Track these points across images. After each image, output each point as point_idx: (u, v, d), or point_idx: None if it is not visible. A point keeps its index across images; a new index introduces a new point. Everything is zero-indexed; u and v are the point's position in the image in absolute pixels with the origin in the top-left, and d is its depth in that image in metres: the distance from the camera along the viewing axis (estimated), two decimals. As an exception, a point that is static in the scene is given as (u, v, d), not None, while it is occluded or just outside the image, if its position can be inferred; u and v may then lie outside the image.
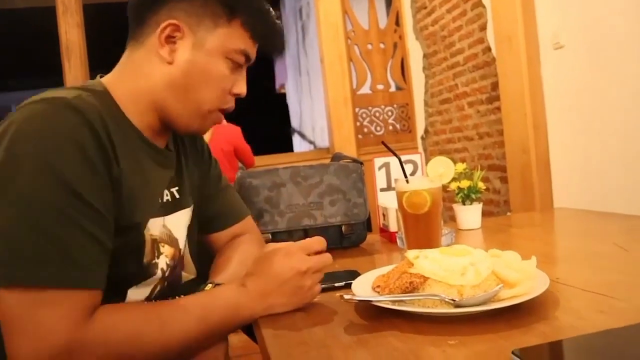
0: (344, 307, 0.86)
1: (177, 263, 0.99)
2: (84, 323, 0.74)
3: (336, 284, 0.96)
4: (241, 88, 0.99)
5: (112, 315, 0.78)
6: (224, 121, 3.73)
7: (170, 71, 0.92)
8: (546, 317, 0.73)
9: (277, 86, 15.53)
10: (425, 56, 4.02)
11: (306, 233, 1.36)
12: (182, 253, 1.01)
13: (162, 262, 0.95)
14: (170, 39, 0.91)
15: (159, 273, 0.94)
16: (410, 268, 0.83)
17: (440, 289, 0.79)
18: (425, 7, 3.91)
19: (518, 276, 0.79)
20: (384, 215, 1.46)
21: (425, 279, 0.80)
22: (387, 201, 1.46)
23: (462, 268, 0.80)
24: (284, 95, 14.90)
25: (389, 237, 1.43)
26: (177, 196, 1.01)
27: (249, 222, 1.21)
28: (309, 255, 0.91)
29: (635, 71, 2.06)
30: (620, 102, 2.16)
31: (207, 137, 3.58)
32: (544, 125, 2.63)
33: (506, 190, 3.04)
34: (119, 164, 0.82)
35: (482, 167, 1.71)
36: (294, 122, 14.03)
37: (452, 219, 1.63)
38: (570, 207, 1.95)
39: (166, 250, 0.95)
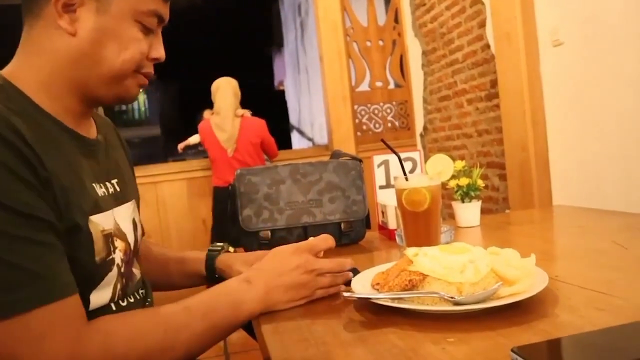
0: (344, 304, 0.86)
1: (129, 258, 0.94)
2: (80, 333, 0.72)
3: None
4: (159, 52, 0.92)
5: (112, 322, 0.77)
6: (249, 114, 3.82)
7: (75, 43, 0.84)
8: (545, 315, 0.73)
9: (276, 83, 15.53)
10: (424, 53, 4.01)
11: (305, 230, 1.36)
12: (132, 248, 0.96)
13: (118, 258, 0.89)
14: (68, 7, 0.83)
15: (114, 269, 0.88)
16: (410, 266, 0.83)
17: (439, 286, 0.79)
18: (424, 4, 3.90)
19: (517, 274, 0.79)
20: (382, 212, 1.46)
21: (425, 276, 0.80)
22: (386, 198, 1.46)
23: (461, 265, 0.80)
24: (282, 92, 14.91)
25: (388, 235, 1.43)
26: (118, 189, 0.96)
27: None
28: (317, 255, 0.92)
29: (635, 68, 2.06)
30: (619, 99, 2.16)
31: (235, 130, 3.64)
32: (543, 122, 2.63)
33: (505, 188, 3.04)
34: (45, 166, 0.74)
35: (481, 165, 1.71)
36: (293, 119, 14.04)
37: (451, 216, 1.63)
38: (569, 205, 1.95)
39: (119, 244, 0.90)
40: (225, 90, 3.76)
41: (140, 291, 1.00)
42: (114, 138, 1.08)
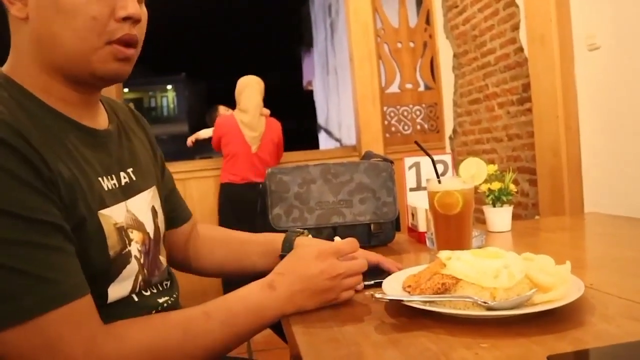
0: (375, 306, 0.86)
1: (149, 248, 0.92)
2: (94, 335, 0.72)
3: (365, 283, 0.96)
4: (126, 9, 0.80)
5: (130, 327, 0.76)
6: (268, 113, 3.88)
7: (30, 28, 0.79)
8: (581, 324, 0.72)
9: (305, 83, 15.56)
10: (455, 56, 3.98)
11: (335, 230, 1.36)
12: (152, 237, 0.93)
13: (134, 250, 0.87)
14: None
15: (133, 262, 0.86)
16: (442, 269, 0.82)
17: (472, 291, 0.78)
18: (457, 6, 3.87)
19: (552, 281, 0.78)
20: (413, 214, 1.46)
21: (458, 280, 0.80)
22: (417, 201, 1.46)
23: (495, 270, 0.79)
24: (311, 92, 14.93)
25: (418, 237, 1.42)
26: (134, 178, 0.93)
27: (193, 220, 1.19)
28: (341, 258, 0.90)
29: (673, 75, 2.01)
30: (656, 106, 2.11)
31: (262, 128, 3.72)
32: (576, 127, 2.59)
33: (535, 193, 3.00)
34: (49, 166, 0.72)
35: (510, 169, 1.69)
36: (321, 119, 14.05)
37: (480, 220, 1.62)
38: (601, 212, 1.92)
39: (135, 235, 0.88)
40: (253, 88, 3.81)
41: (165, 283, 0.99)
42: (132, 123, 1.04)
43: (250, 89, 3.80)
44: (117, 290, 0.84)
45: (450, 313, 0.76)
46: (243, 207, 3.58)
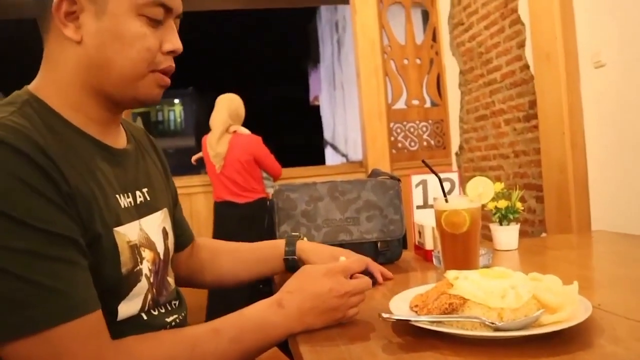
0: (382, 325, 0.86)
1: (158, 268, 0.93)
2: (102, 351, 0.72)
3: None
4: (173, 44, 0.88)
5: (138, 343, 0.77)
6: (247, 131, 3.76)
7: (83, 51, 0.83)
8: (590, 345, 0.72)
9: (311, 98, 15.62)
10: (461, 72, 4.00)
11: (342, 248, 1.36)
12: (161, 257, 0.95)
13: (145, 268, 0.88)
14: (70, 15, 0.82)
15: (143, 281, 0.88)
16: (450, 289, 0.82)
17: (480, 311, 0.78)
18: (463, 24, 3.90)
19: (560, 301, 0.78)
20: (419, 232, 1.46)
21: (465, 300, 0.80)
22: (424, 218, 1.46)
23: (502, 290, 0.79)
24: (317, 108, 14.98)
25: (424, 255, 1.42)
26: (148, 198, 0.95)
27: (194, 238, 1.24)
28: (349, 276, 0.91)
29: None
30: (663, 124, 2.11)
31: (223, 147, 3.63)
32: (583, 144, 2.59)
33: (541, 210, 2.99)
34: (68, 181, 0.74)
35: (517, 186, 1.69)
36: (327, 134, 14.09)
37: (487, 237, 1.61)
38: (608, 230, 1.91)
39: (147, 254, 0.90)
40: (220, 106, 3.73)
41: (174, 302, 1.00)
42: (147, 145, 1.08)
43: (217, 107, 3.74)
44: (127, 308, 0.85)
45: (458, 334, 0.76)
46: (226, 224, 3.62)
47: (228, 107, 3.72)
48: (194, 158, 4.13)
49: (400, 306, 0.88)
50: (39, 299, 0.68)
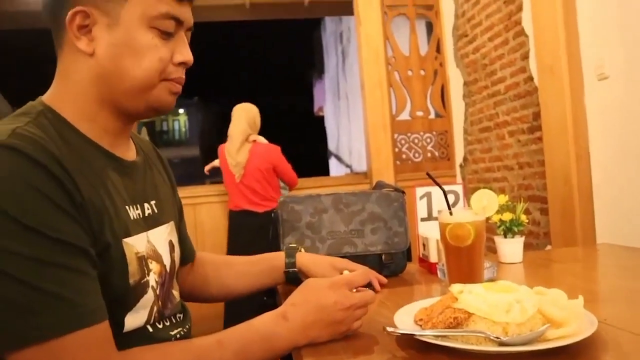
0: (386, 339, 0.86)
1: (164, 280, 0.94)
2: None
3: None
4: (184, 55, 0.89)
5: (145, 355, 0.78)
6: (265, 140, 3.80)
7: (96, 63, 0.85)
8: (595, 361, 0.71)
9: (315, 109, 15.66)
10: (465, 84, 4.01)
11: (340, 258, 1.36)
12: (167, 270, 0.95)
13: (152, 280, 0.89)
14: (83, 29, 0.84)
15: (150, 292, 0.88)
16: (454, 303, 0.82)
17: (484, 325, 0.78)
18: (467, 35, 3.91)
19: (565, 316, 0.78)
20: (424, 245, 1.46)
21: (470, 314, 0.79)
22: (428, 231, 1.46)
23: (507, 305, 0.79)
24: (321, 118, 15.02)
25: (429, 268, 1.42)
26: (156, 210, 0.96)
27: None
28: (353, 289, 0.91)
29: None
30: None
31: (243, 156, 3.65)
32: (587, 156, 2.59)
33: (546, 222, 2.98)
34: (80, 191, 0.75)
35: (522, 198, 1.69)
36: (331, 145, 14.11)
37: (491, 250, 1.61)
38: (613, 243, 1.91)
39: (154, 266, 0.91)
40: (239, 116, 3.76)
41: (179, 315, 1.00)
42: (155, 158, 1.09)
43: (235, 117, 3.77)
44: (134, 319, 0.85)
45: (462, 348, 0.76)
46: (243, 233, 3.62)
47: (246, 116, 3.77)
48: (207, 167, 4.15)
49: (405, 320, 0.88)
50: (47, 307, 0.68)
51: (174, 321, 0.97)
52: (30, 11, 4.95)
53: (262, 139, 3.81)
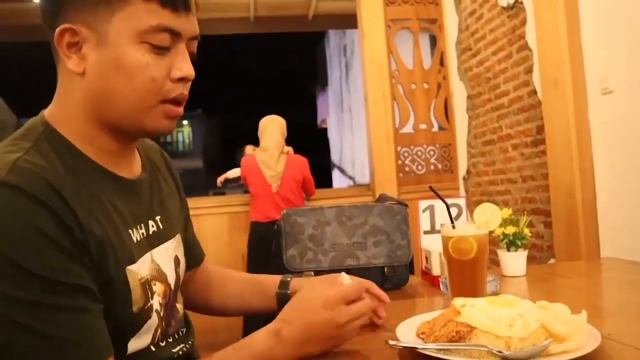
0: (388, 352, 0.85)
1: (168, 299, 0.91)
2: None
3: None
4: (184, 70, 0.82)
5: None
6: (292, 151, 3.89)
7: (87, 83, 0.80)
8: (598, 376, 0.71)
9: (319, 121, 15.70)
10: (469, 97, 4.01)
11: (349, 273, 1.36)
12: (172, 287, 0.93)
13: (156, 303, 0.87)
14: (73, 47, 0.79)
15: (154, 316, 0.86)
16: (457, 316, 0.82)
17: (487, 339, 0.77)
18: (470, 49, 3.92)
19: (568, 330, 0.77)
20: (427, 258, 1.45)
21: (472, 328, 0.79)
22: (431, 244, 1.46)
23: (510, 319, 0.79)
24: (325, 130, 15.06)
25: (431, 281, 1.42)
26: (161, 226, 0.93)
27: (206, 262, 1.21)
28: (349, 303, 0.87)
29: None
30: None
31: (282, 167, 3.72)
32: (591, 170, 2.59)
33: (550, 236, 2.97)
34: (82, 225, 0.73)
35: (525, 211, 1.68)
36: (334, 157, 14.13)
37: (494, 262, 1.61)
38: (618, 257, 1.90)
39: (158, 288, 0.88)
40: (273, 128, 3.85)
41: (181, 330, 0.98)
42: (162, 166, 1.05)
43: (270, 128, 3.85)
44: (137, 343, 0.84)
45: None
46: (270, 245, 3.59)
47: (280, 127, 3.88)
48: (220, 179, 4.18)
49: (407, 333, 0.88)
50: (52, 351, 0.67)
51: (177, 337, 0.96)
52: (37, 24, 4.99)
53: (291, 150, 3.94)
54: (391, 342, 0.81)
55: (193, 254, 1.13)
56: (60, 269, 0.69)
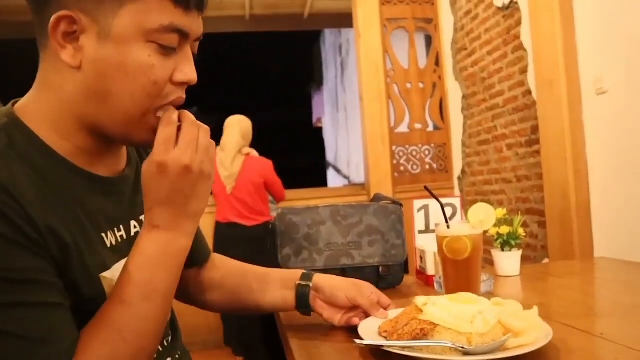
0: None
1: None
2: None
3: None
4: (187, 74, 0.77)
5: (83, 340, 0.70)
6: (256, 154, 3.78)
7: (81, 78, 0.73)
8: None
9: (314, 120, 15.70)
10: (464, 97, 4.02)
11: (343, 272, 1.36)
12: None
13: None
14: (69, 36, 0.71)
15: None
16: (420, 314, 0.85)
17: (449, 336, 0.81)
18: (466, 49, 3.93)
19: (523, 326, 0.82)
20: (421, 257, 1.46)
21: (435, 325, 0.82)
22: (425, 243, 1.46)
23: (470, 316, 0.82)
24: (320, 130, 15.05)
25: (426, 280, 1.42)
26: None
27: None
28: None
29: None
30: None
31: (236, 168, 3.63)
32: (585, 170, 2.60)
33: (544, 235, 2.98)
34: (35, 225, 0.66)
35: (519, 211, 1.69)
36: (330, 156, 14.13)
37: (488, 262, 1.61)
38: (611, 257, 1.91)
39: None
40: (233, 128, 3.73)
41: (165, 340, 0.92)
42: None
43: (230, 128, 3.74)
44: None
45: (429, 358, 0.78)
46: (230, 246, 3.54)
47: (240, 127, 3.74)
48: None
49: (369, 332, 0.89)
50: (19, 350, 0.64)
51: (161, 349, 0.89)
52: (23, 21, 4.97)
53: (254, 152, 3.79)
54: (357, 341, 0.83)
55: (195, 252, 1.01)
56: (17, 266, 0.64)
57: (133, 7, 0.71)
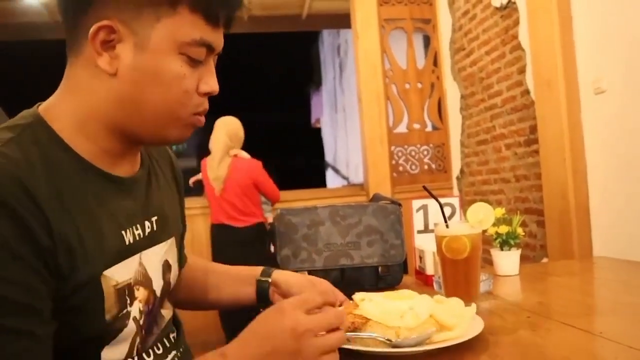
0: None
1: (152, 307, 0.85)
2: None
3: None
4: (211, 85, 0.81)
5: None
6: (247, 155, 3.76)
7: (116, 85, 0.76)
8: None
9: (313, 121, 15.70)
10: (462, 97, 4.02)
11: (343, 272, 1.36)
12: (158, 294, 0.87)
13: (135, 310, 0.80)
14: (107, 44, 0.75)
15: (130, 324, 0.79)
16: (355, 309, 0.90)
17: (380, 330, 0.87)
18: (464, 49, 3.93)
19: (455, 321, 0.88)
20: (420, 257, 1.46)
21: (367, 320, 0.88)
22: (424, 243, 1.46)
23: (400, 311, 0.88)
24: (319, 130, 15.05)
25: (425, 280, 1.42)
26: (156, 228, 0.88)
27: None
28: (311, 311, 0.74)
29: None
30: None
31: (223, 170, 3.62)
32: (584, 170, 2.60)
33: (543, 235, 2.99)
34: (50, 229, 0.67)
35: (518, 210, 1.69)
36: (328, 157, 14.13)
37: (487, 261, 1.61)
38: (610, 257, 1.91)
39: (140, 294, 0.81)
40: (219, 130, 3.72)
41: (172, 336, 0.93)
42: (163, 161, 1.00)
43: (217, 130, 3.73)
44: (112, 353, 0.78)
45: (357, 349, 0.84)
46: (224, 247, 3.59)
47: (227, 129, 3.71)
48: (192, 180, 4.12)
49: None
50: None
51: (168, 345, 0.91)
52: (31, 22, 4.97)
53: (244, 154, 3.75)
54: None
55: (182, 261, 1.06)
56: (12, 283, 0.63)
57: (169, 21, 0.75)
